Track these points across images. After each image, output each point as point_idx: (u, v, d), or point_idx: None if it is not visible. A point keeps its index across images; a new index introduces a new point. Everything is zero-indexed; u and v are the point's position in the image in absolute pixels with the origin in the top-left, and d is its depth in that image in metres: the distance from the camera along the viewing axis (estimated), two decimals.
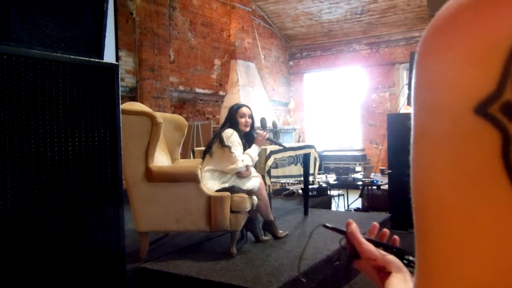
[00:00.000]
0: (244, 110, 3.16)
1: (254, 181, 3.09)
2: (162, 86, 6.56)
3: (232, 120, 3.12)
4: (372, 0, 8.48)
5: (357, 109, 9.86)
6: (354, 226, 0.66)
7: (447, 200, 0.23)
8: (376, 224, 0.70)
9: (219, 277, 2.41)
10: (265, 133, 3.15)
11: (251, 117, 3.18)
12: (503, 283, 0.21)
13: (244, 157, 2.95)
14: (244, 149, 3.05)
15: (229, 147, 2.93)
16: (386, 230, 0.69)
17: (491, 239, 0.21)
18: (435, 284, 0.24)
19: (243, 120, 3.12)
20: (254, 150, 3.06)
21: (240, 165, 2.91)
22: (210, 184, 2.88)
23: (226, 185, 2.95)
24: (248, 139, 3.14)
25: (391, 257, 0.63)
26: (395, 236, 0.70)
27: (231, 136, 2.98)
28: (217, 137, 3.03)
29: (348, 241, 0.67)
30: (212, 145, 3.04)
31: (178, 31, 7.24)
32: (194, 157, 3.90)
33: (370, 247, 0.64)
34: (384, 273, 0.61)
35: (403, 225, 4.31)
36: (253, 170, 3.15)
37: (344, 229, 0.67)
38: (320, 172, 6.98)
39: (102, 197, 1.85)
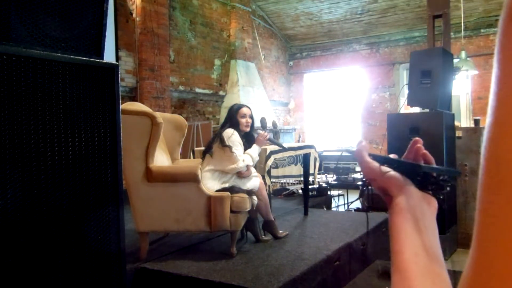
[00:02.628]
0: (244, 110, 3.16)
1: (254, 181, 3.09)
2: (162, 86, 6.56)
3: (232, 120, 3.12)
4: (372, 0, 8.48)
5: (357, 109, 9.86)
6: (362, 145, 0.55)
7: None
8: (417, 139, 0.56)
9: (219, 277, 2.41)
10: (266, 133, 3.15)
11: (251, 117, 3.18)
12: None
13: (245, 157, 2.96)
14: (245, 149, 3.05)
15: (230, 147, 2.93)
16: (417, 144, 0.55)
17: None
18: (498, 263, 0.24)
19: (243, 120, 3.12)
20: (254, 150, 3.06)
21: (241, 164, 2.92)
22: (210, 184, 2.88)
23: (227, 185, 2.95)
24: (248, 139, 3.14)
25: (392, 175, 0.50)
26: (419, 146, 0.55)
27: (232, 136, 2.99)
28: (218, 137, 3.03)
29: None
30: (213, 145, 3.04)
31: (178, 31, 7.24)
32: (194, 157, 3.90)
33: (373, 165, 0.52)
34: (389, 196, 0.51)
35: None
36: (253, 170, 3.14)
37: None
38: (320, 172, 6.98)
39: (102, 197, 1.85)
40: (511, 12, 0.25)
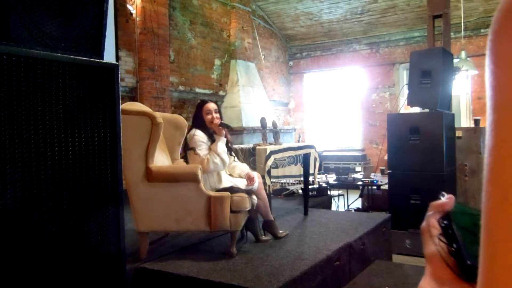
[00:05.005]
0: (209, 106, 3.04)
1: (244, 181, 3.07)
2: (162, 86, 6.56)
3: (198, 118, 3.02)
4: (372, 0, 8.48)
5: (357, 109, 9.86)
6: (444, 200, 0.44)
7: None
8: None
9: (219, 277, 2.41)
10: (217, 121, 3.01)
11: (217, 112, 3.05)
12: None
13: (209, 156, 2.88)
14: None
15: (193, 149, 2.88)
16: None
17: None
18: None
19: (209, 117, 3.00)
20: (217, 143, 2.95)
21: (206, 164, 2.82)
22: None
23: (221, 185, 2.94)
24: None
25: (434, 250, 0.42)
26: None
27: (194, 137, 2.92)
28: (185, 141, 2.98)
29: None
30: (186, 150, 2.99)
31: (178, 31, 7.24)
32: None
33: (432, 224, 0.43)
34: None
35: (403, 225, 4.31)
36: (244, 166, 3.11)
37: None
38: (320, 172, 6.98)
39: (102, 197, 1.85)
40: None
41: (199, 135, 2.94)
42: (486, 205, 0.27)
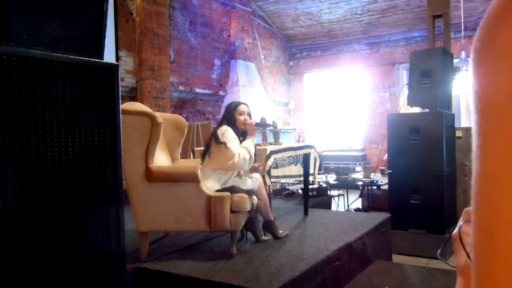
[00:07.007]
0: (243, 107, 3.12)
1: (254, 181, 3.08)
2: (162, 86, 6.56)
3: (230, 117, 3.08)
4: (372, 0, 8.48)
5: (357, 109, 9.86)
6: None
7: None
8: None
9: (219, 277, 2.41)
10: (252, 120, 3.10)
11: (249, 114, 3.14)
12: None
13: (241, 150, 2.91)
14: None
15: (224, 143, 2.90)
16: None
17: None
18: None
19: (242, 117, 3.08)
20: (248, 141, 3.01)
21: (236, 159, 2.86)
22: (210, 184, 2.87)
23: (227, 185, 2.94)
24: (246, 137, 3.11)
25: (465, 264, 0.40)
26: None
27: (226, 132, 2.95)
28: (213, 136, 3.01)
29: None
30: (210, 144, 3.02)
31: (178, 31, 7.25)
32: (194, 157, 3.89)
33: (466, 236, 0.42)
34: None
35: (403, 225, 4.31)
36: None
37: None
38: (320, 172, 6.98)
39: (102, 197, 1.85)
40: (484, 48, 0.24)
41: (231, 131, 2.98)
42: (474, 235, 0.26)
